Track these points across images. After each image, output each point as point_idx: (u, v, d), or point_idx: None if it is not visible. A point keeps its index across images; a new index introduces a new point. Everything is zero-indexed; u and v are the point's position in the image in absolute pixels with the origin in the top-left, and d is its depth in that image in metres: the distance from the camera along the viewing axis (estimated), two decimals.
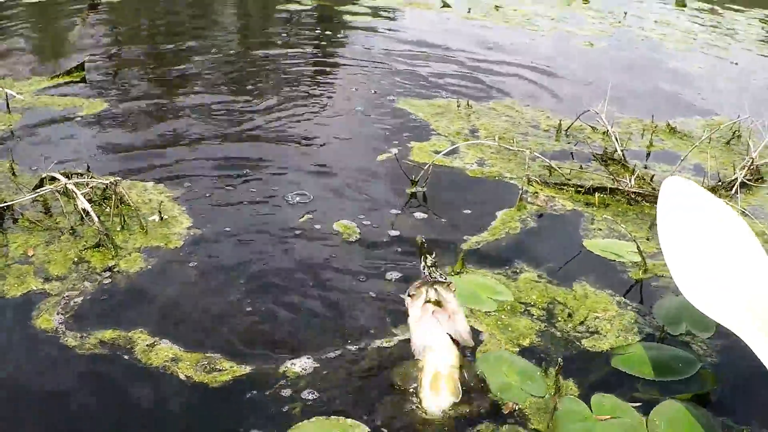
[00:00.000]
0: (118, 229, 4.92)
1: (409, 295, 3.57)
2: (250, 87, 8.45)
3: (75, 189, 4.86)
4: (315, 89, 8.43)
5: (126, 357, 3.69)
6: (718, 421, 3.39)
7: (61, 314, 4.00)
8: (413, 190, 5.76)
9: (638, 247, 4.70)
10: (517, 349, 3.88)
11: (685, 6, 16.66)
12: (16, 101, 7.22)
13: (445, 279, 3.74)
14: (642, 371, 3.74)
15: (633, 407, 3.47)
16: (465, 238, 5.04)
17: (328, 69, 9.57)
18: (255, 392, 3.48)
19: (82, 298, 4.18)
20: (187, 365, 3.63)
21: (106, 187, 5.09)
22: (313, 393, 3.47)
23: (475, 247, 4.93)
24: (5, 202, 5.02)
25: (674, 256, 3.59)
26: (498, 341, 3.92)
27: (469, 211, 5.46)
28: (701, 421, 3.35)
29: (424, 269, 4.34)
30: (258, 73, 9.18)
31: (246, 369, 3.63)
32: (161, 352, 3.73)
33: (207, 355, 3.72)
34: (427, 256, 4.46)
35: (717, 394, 3.66)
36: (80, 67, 8.51)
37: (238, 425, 3.27)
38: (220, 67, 9.37)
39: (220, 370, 3.60)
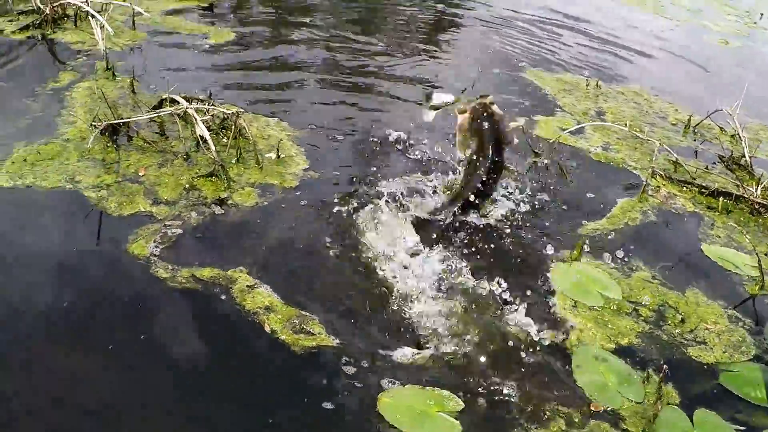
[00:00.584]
0: (234, 161, 4.88)
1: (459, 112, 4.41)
2: (370, 32, 8.34)
3: (195, 114, 4.83)
4: (437, 47, 8.29)
5: (222, 296, 3.66)
6: None
7: (159, 243, 3.98)
8: (535, 159, 5.65)
9: (759, 261, 4.48)
10: (615, 347, 3.77)
11: None
12: (143, 19, 7.25)
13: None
14: (750, 393, 3.57)
15: (736, 430, 3.31)
16: (583, 222, 4.91)
17: (452, 27, 9.40)
18: (344, 361, 3.43)
19: (183, 228, 4.17)
20: (279, 318, 3.58)
21: (227, 117, 5.04)
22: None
23: (592, 234, 4.78)
24: (122, 118, 5.00)
25: None
26: (593, 336, 3.80)
27: (591, 195, 5.28)
28: None
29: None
30: (379, 19, 9.07)
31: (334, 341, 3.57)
32: (258, 297, 3.70)
33: (302, 313, 3.67)
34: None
35: None
36: None
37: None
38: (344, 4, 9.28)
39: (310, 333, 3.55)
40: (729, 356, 3.80)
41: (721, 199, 5.36)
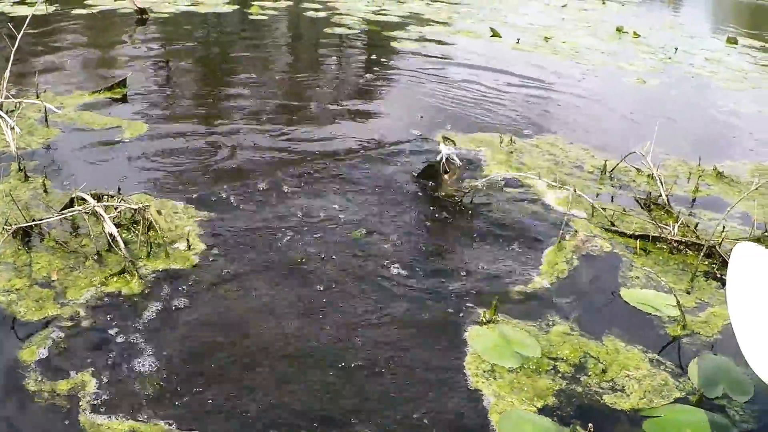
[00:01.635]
0: (145, 256, 4.83)
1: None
2: (297, 114, 8.30)
3: (102, 212, 4.77)
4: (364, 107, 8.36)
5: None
6: None
7: (49, 348, 3.89)
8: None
9: (678, 302, 4.51)
10: (540, 406, 3.72)
11: (736, 43, 16.40)
12: (57, 116, 7.18)
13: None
14: None
15: None
16: (496, 278, 4.93)
17: (376, 91, 9.49)
18: None
19: (78, 330, 4.08)
20: None
21: (135, 212, 4.99)
22: None
23: (506, 290, 4.78)
24: (34, 220, 4.93)
25: (742, 325, 3.44)
26: (516, 398, 3.77)
27: (505, 246, 5.32)
28: None
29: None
30: (305, 96, 9.13)
31: None
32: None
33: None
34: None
35: None
36: (122, 83, 8.50)
37: None
38: (268, 90, 9.33)
39: None
40: (648, 401, 3.78)
41: (638, 241, 5.41)
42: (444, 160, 6.24)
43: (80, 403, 3.48)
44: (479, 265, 5.04)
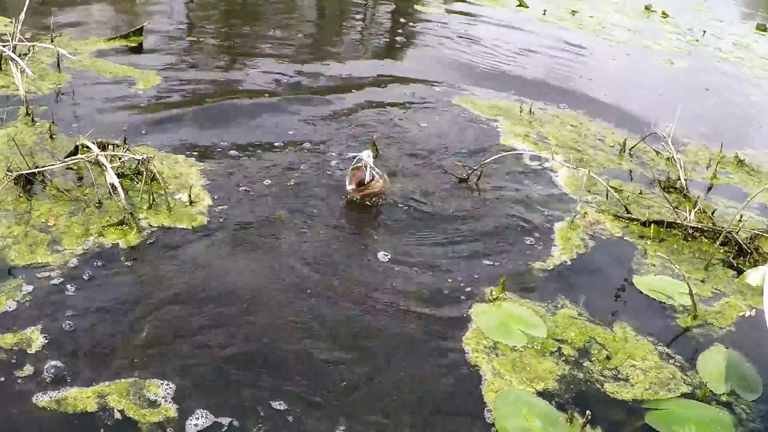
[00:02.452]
0: (146, 207, 4.72)
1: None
2: (314, 77, 8.08)
3: (105, 161, 4.66)
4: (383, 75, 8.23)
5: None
6: None
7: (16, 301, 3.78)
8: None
9: (690, 291, 4.37)
10: (539, 389, 3.61)
11: (765, 30, 16.08)
12: (70, 62, 7.07)
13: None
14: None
15: None
16: (506, 257, 4.80)
17: (400, 59, 9.34)
18: None
19: (63, 278, 3.98)
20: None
21: (139, 162, 4.87)
22: None
23: (517, 269, 4.66)
24: (37, 166, 4.82)
25: None
26: (516, 378, 3.65)
27: (518, 226, 5.19)
28: None
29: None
30: (328, 56, 8.98)
31: None
32: None
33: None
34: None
35: None
36: (139, 31, 8.35)
37: None
38: (285, 47, 9.14)
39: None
40: (653, 393, 3.65)
41: (653, 226, 5.26)
42: (364, 165, 5.16)
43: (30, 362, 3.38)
44: (486, 245, 4.91)
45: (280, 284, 4.19)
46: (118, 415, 3.11)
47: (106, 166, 4.63)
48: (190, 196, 4.85)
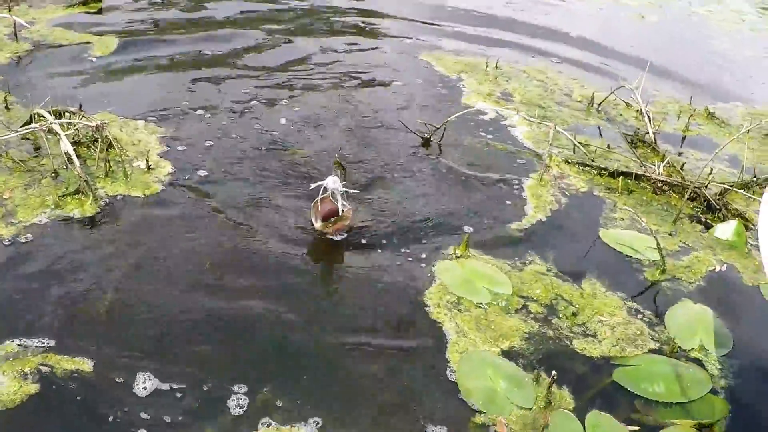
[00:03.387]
0: (103, 175, 4.58)
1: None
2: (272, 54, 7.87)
3: (59, 129, 4.53)
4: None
5: None
6: None
7: None
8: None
9: (658, 244, 4.30)
10: (505, 348, 3.54)
11: None
12: (28, 31, 6.87)
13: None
14: (645, 389, 3.38)
15: (631, 431, 3.11)
16: (471, 213, 4.71)
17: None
18: None
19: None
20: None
21: (95, 128, 4.73)
22: None
23: (481, 225, 4.59)
24: None
25: None
26: (480, 337, 3.57)
27: (482, 182, 5.11)
28: None
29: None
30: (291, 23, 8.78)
31: None
32: None
33: None
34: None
35: (726, 425, 3.25)
36: None
37: None
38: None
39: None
40: (620, 350, 3.59)
41: (620, 179, 5.18)
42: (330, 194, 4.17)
43: None
44: (451, 202, 4.82)
45: (242, 248, 4.09)
46: None
47: (60, 134, 4.49)
48: (148, 162, 4.71)
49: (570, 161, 5.43)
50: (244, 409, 3.03)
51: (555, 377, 3.18)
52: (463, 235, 4.29)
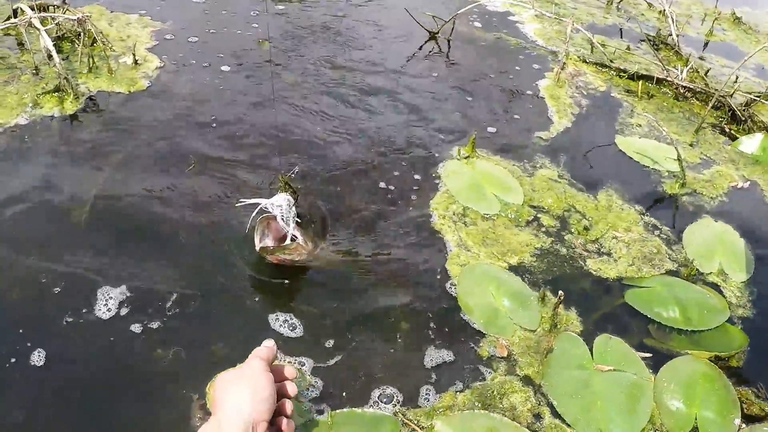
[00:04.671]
0: (85, 71, 4.23)
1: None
2: None
3: (38, 23, 4.17)
4: None
5: None
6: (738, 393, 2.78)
7: None
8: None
9: (678, 156, 4.00)
10: (512, 262, 3.26)
11: None
12: None
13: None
14: (659, 313, 3.11)
15: (642, 358, 2.87)
16: (479, 113, 4.40)
17: None
18: None
19: None
20: None
21: (77, 22, 4.39)
22: None
23: (491, 123, 4.30)
24: None
25: None
26: (485, 251, 3.29)
27: (492, 77, 4.75)
28: (720, 391, 2.76)
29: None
30: None
31: None
32: None
33: None
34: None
35: (744, 358, 3.00)
36: None
37: None
38: None
39: None
40: (637, 270, 3.33)
41: (640, 82, 4.85)
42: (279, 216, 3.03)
43: None
44: (459, 102, 4.50)
45: (229, 143, 3.79)
46: None
47: (39, 29, 4.14)
48: (134, 57, 4.37)
49: (587, 60, 5.08)
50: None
51: (561, 297, 2.91)
52: (470, 136, 3.98)
